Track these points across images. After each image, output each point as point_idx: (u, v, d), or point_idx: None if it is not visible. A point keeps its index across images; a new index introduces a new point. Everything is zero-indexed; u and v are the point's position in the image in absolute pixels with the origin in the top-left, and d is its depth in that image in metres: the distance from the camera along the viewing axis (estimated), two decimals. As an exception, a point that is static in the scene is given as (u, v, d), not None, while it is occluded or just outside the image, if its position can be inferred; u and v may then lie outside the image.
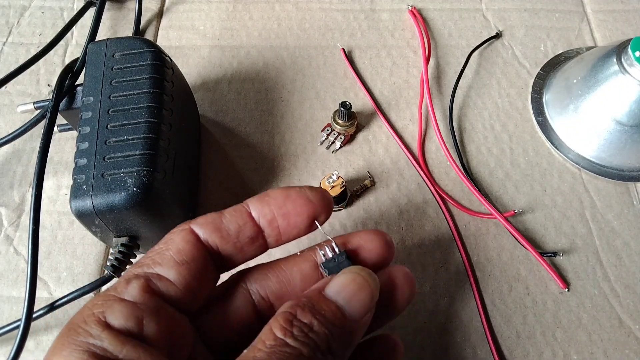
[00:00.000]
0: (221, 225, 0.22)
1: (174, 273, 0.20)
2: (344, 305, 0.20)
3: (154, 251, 0.21)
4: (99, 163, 0.27)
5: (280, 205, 0.22)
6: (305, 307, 0.19)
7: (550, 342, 0.32)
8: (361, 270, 0.21)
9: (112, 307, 0.19)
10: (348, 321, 0.20)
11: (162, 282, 0.20)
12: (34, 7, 0.45)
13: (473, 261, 0.34)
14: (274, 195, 0.22)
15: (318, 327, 0.19)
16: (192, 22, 0.44)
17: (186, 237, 0.21)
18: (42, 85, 0.41)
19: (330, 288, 0.21)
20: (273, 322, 0.19)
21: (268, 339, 0.18)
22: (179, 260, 0.20)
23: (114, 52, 0.31)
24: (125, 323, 0.18)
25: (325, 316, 0.19)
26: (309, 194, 0.22)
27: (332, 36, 0.43)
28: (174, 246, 0.21)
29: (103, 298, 0.19)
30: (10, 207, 0.36)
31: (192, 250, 0.21)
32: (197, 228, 0.22)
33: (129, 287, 0.19)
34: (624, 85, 0.34)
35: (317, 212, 0.22)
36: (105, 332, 0.18)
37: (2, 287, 0.33)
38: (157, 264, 0.20)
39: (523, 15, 0.45)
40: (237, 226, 0.22)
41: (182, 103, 0.33)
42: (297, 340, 0.18)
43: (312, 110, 0.40)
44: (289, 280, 0.23)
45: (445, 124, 0.39)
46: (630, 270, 0.34)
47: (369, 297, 0.21)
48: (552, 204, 0.36)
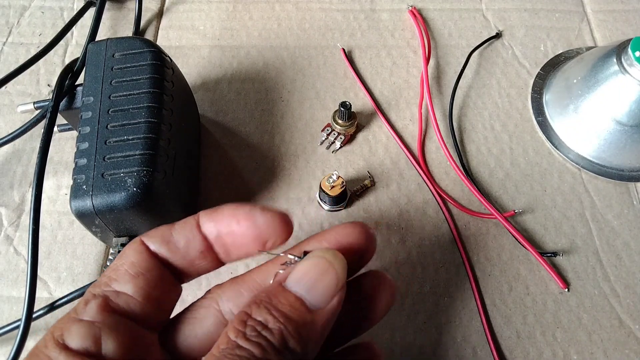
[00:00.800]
0: (170, 238, 0.21)
1: (131, 286, 0.20)
2: (304, 294, 0.19)
3: (109, 269, 0.21)
4: (99, 163, 0.27)
5: (227, 223, 0.21)
6: (261, 304, 0.19)
7: (550, 342, 0.32)
8: (325, 252, 0.20)
9: (70, 329, 0.19)
10: (310, 312, 0.19)
11: (120, 297, 0.20)
12: (34, 7, 0.45)
13: (473, 261, 0.34)
14: (222, 211, 0.21)
15: (273, 324, 0.18)
16: (192, 22, 0.44)
17: (137, 248, 0.21)
18: (42, 85, 0.41)
19: (291, 278, 0.20)
20: (229, 324, 0.19)
21: (222, 343, 0.18)
22: (133, 273, 0.20)
23: (114, 52, 0.31)
24: (82, 343, 0.18)
25: (281, 310, 0.18)
26: (258, 218, 0.21)
27: (332, 36, 0.43)
28: (127, 260, 0.21)
29: (63, 321, 0.19)
30: (10, 207, 0.36)
31: (145, 261, 0.21)
32: (147, 240, 0.21)
33: (87, 307, 0.19)
34: (624, 85, 0.34)
35: (265, 237, 0.21)
36: (62, 353, 0.18)
37: (2, 287, 0.33)
38: (113, 280, 0.20)
39: (523, 15, 0.45)
40: (186, 240, 0.21)
41: (182, 103, 0.33)
42: (249, 340, 0.18)
43: (312, 110, 0.40)
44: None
45: (445, 124, 0.39)
46: (630, 270, 0.34)
47: (334, 282, 0.19)
48: (552, 204, 0.36)
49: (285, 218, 0.21)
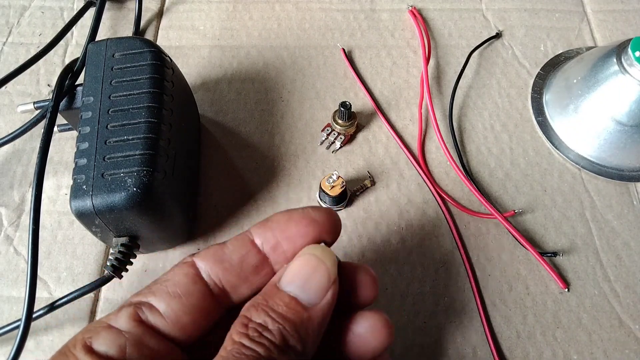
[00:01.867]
0: (224, 257, 0.21)
1: (165, 305, 0.20)
2: (298, 293, 0.20)
3: (156, 281, 0.21)
4: (99, 163, 0.27)
5: (283, 228, 0.21)
6: (259, 307, 0.19)
7: (550, 342, 0.32)
8: (314, 249, 0.21)
9: (99, 334, 0.19)
10: (305, 309, 0.19)
11: (151, 313, 0.20)
12: (34, 7, 0.45)
13: (473, 261, 0.34)
14: (276, 220, 0.22)
15: (272, 325, 0.19)
16: (192, 22, 0.44)
17: (186, 270, 0.21)
18: (42, 85, 0.41)
19: (284, 279, 0.20)
20: (232, 327, 0.19)
21: (228, 345, 0.19)
22: (172, 293, 0.21)
23: (114, 52, 0.31)
24: (108, 349, 0.19)
25: (277, 312, 0.19)
26: (313, 214, 0.21)
27: (332, 36, 0.43)
28: (173, 278, 0.21)
29: (96, 324, 0.20)
30: (10, 207, 0.36)
31: (188, 285, 0.21)
32: (199, 261, 0.21)
33: (119, 314, 0.20)
34: (624, 85, 0.34)
35: (323, 232, 0.21)
36: (88, 356, 0.19)
37: (2, 287, 0.33)
38: (152, 293, 0.21)
39: (523, 15, 0.45)
40: (240, 256, 0.21)
41: (182, 103, 0.33)
42: (253, 341, 0.18)
43: (312, 110, 0.40)
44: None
45: (445, 124, 0.39)
46: (630, 270, 0.34)
47: (325, 278, 0.20)
48: (552, 204, 0.36)
49: (333, 212, 0.22)
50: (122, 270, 0.29)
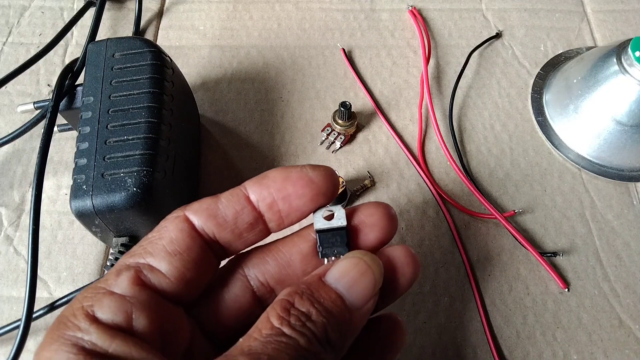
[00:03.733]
0: (217, 212, 0.20)
1: (166, 264, 0.19)
2: (344, 293, 0.19)
3: (147, 239, 0.20)
4: (99, 163, 0.27)
5: (279, 187, 0.20)
6: (303, 295, 0.19)
7: (550, 342, 0.32)
8: (364, 254, 0.20)
9: (101, 301, 0.18)
10: (348, 310, 0.19)
11: (153, 274, 0.19)
12: (34, 7, 0.45)
13: (473, 261, 0.34)
14: (272, 177, 0.21)
15: (316, 317, 0.18)
16: (192, 22, 0.44)
17: (180, 225, 0.20)
18: (42, 85, 0.41)
19: (331, 275, 0.20)
20: (270, 310, 0.18)
21: (264, 328, 0.18)
22: (171, 251, 0.19)
23: (114, 52, 0.31)
24: (113, 317, 0.18)
25: (324, 305, 0.18)
26: (311, 174, 0.21)
27: (332, 36, 0.43)
28: (167, 235, 0.20)
29: (93, 290, 0.19)
30: (10, 207, 0.36)
31: (185, 240, 0.20)
32: (192, 215, 0.20)
33: (119, 279, 0.19)
34: (624, 85, 0.34)
35: (321, 193, 0.21)
36: (93, 325, 0.17)
37: (2, 287, 0.33)
38: (149, 253, 0.19)
39: (523, 15, 0.45)
40: (235, 212, 0.20)
41: (182, 103, 0.33)
42: (294, 329, 0.18)
43: (312, 110, 0.40)
44: (289, 263, 0.22)
45: (445, 124, 0.39)
46: (630, 270, 0.34)
47: (372, 285, 0.19)
48: (552, 204, 0.36)
49: (331, 171, 0.21)
50: (122, 270, 0.29)
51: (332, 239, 0.21)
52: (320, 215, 0.21)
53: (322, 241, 0.21)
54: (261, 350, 0.17)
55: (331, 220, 0.21)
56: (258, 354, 0.17)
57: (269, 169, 0.22)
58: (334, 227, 0.21)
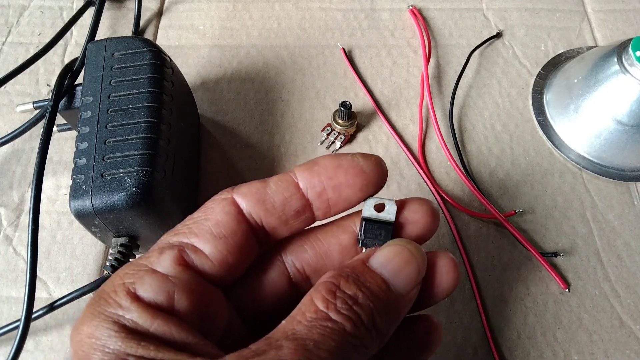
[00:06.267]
0: (266, 197, 0.20)
1: (210, 247, 0.19)
2: (389, 278, 0.19)
3: (192, 219, 0.20)
4: (98, 163, 0.27)
5: (330, 176, 0.20)
6: (349, 278, 0.18)
7: (551, 343, 0.32)
8: (407, 243, 0.20)
9: (143, 279, 0.18)
10: (394, 295, 0.19)
11: (196, 255, 0.19)
12: (33, 6, 0.44)
13: (473, 261, 0.34)
14: (324, 165, 0.20)
15: (363, 300, 0.18)
16: (192, 22, 0.44)
17: (227, 207, 0.20)
18: (42, 85, 0.41)
19: (375, 260, 0.19)
20: (314, 292, 0.18)
21: (309, 311, 0.17)
22: (216, 234, 0.19)
23: (114, 51, 0.31)
24: (155, 296, 0.17)
25: (370, 289, 0.18)
26: (363, 164, 0.20)
27: (332, 36, 0.43)
28: (213, 217, 0.20)
29: (134, 267, 0.18)
30: (9, 207, 0.36)
31: (231, 224, 0.19)
32: (240, 199, 0.20)
33: (162, 257, 0.19)
34: (624, 85, 0.34)
35: (371, 184, 0.21)
36: (134, 304, 0.17)
37: (1, 287, 0.33)
38: (194, 234, 0.19)
39: (524, 15, 0.44)
40: (283, 198, 0.20)
41: (181, 103, 0.33)
42: (340, 313, 0.17)
43: (312, 110, 0.40)
44: (327, 252, 0.22)
45: (446, 123, 0.39)
46: (631, 271, 0.34)
47: (416, 272, 0.19)
48: (553, 204, 0.36)
49: (382, 161, 0.21)
50: (121, 270, 0.29)
51: (377, 231, 0.21)
52: (371, 203, 0.21)
53: (366, 230, 0.21)
54: (306, 336, 0.17)
55: (381, 212, 0.21)
56: (303, 339, 0.16)
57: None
58: (382, 220, 0.21)
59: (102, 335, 0.17)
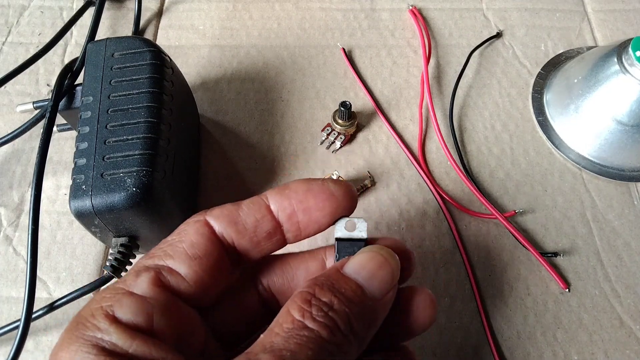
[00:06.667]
0: (238, 219, 0.20)
1: (186, 268, 0.19)
2: (364, 283, 0.19)
3: (166, 242, 0.20)
4: (98, 163, 0.27)
5: (301, 199, 0.21)
6: (324, 286, 0.19)
7: (551, 343, 0.32)
8: (380, 249, 0.20)
9: (121, 301, 0.18)
10: (369, 299, 0.19)
11: (172, 277, 0.19)
12: (33, 6, 0.44)
13: (473, 261, 0.34)
14: (294, 188, 0.21)
15: (338, 306, 0.18)
16: (192, 22, 0.44)
17: (200, 229, 0.20)
18: (42, 85, 0.41)
19: (349, 267, 0.20)
20: (291, 302, 0.18)
21: (285, 322, 0.18)
22: (191, 254, 0.20)
23: (114, 51, 0.31)
24: (134, 318, 0.18)
25: (345, 294, 0.18)
26: (332, 188, 0.21)
27: (332, 36, 0.43)
28: (187, 238, 0.20)
29: (112, 291, 0.18)
30: (9, 207, 0.36)
31: (205, 244, 0.20)
32: (212, 220, 0.20)
33: (139, 280, 0.19)
34: (624, 85, 0.34)
35: (340, 208, 0.21)
36: (113, 326, 0.17)
37: (1, 288, 0.33)
38: (169, 256, 0.20)
39: (524, 15, 0.44)
40: (255, 220, 0.21)
41: (181, 103, 0.33)
42: (316, 321, 0.17)
43: (312, 110, 0.40)
44: (294, 277, 0.23)
45: (446, 123, 0.39)
46: (631, 271, 0.34)
47: (390, 276, 0.20)
48: (553, 204, 0.36)
49: (352, 187, 0.22)
50: (121, 270, 0.29)
51: (350, 248, 0.21)
52: (342, 224, 0.22)
53: (340, 249, 0.21)
54: (283, 346, 0.17)
55: (352, 231, 0.21)
56: (280, 350, 0.17)
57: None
58: (354, 238, 0.21)
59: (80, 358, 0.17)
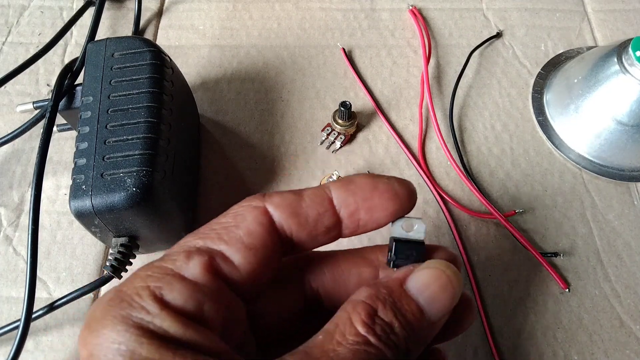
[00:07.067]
0: (300, 211, 0.19)
1: (240, 257, 0.18)
2: (424, 306, 0.18)
3: (220, 224, 0.19)
4: (98, 163, 0.27)
5: (366, 197, 0.20)
6: (386, 303, 0.18)
7: (551, 343, 0.32)
8: (447, 267, 0.19)
9: (171, 285, 0.17)
10: (426, 323, 0.18)
11: (226, 264, 0.18)
12: (33, 6, 0.44)
13: (473, 261, 0.34)
14: (360, 185, 0.20)
15: (399, 330, 0.18)
16: (192, 22, 0.44)
17: (259, 217, 0.19)
18: (42, 85, 0.41)
19: (412, 283, 0.19)
20: (353, 312, 0.17)
21: (349, 333, 0.17)
22: (247, 244, 0.18)
23: (114, 51, 0.31)
24: (184, 304, 0.17)
25: (406, 318, 0.18)
26: (397, 188, 0.20)
27: (332, 36, 0.43)
28: (245, 225, 0.19)
29: (159, 271, 0.17)
30: (9, 207, 0.36)
31: (263, 235, 0.19)
32: (273, 209, 0.19)
33: (191, 263, 0.17)
34: (624, 85, 0.34)
35: (402, 208, 0.20)
36: (164, 311, 0.16)
37: (1, 288, 0.33)
38: (223, 241, 0.18)
39: (524, 15, 0.44)
40: (317, 214, 0.19)
41: (181, 103, 0.33)
42: (381, 340, 0.17)
43: (312, 110, 0.40)
44: (345, 282, 0.21)
45: (446, 123, 0.39)
46: (631, 271, 0.34)
47: (450, 301, 0.19)
48: (553, 204, 0.36)
49: (413, 187, 0.21)
50: (121, 270, 0.29)
51: (408, 251, 0.20)
52: (399, 223, 0.20)
53: (397, 251, 0.20)
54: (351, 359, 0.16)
55: (410, 232, 0.20)
56: None
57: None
58: (412, 239, 0.20)
59: (129, 341, 0.15)
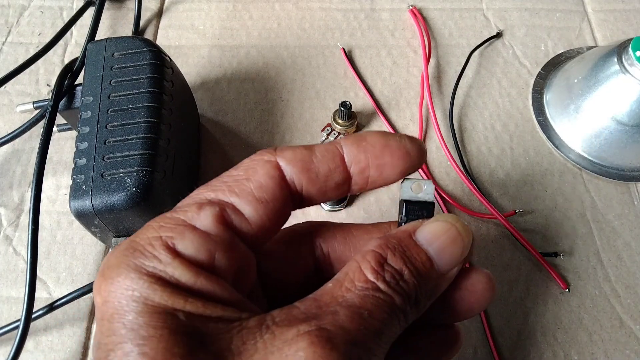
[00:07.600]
0: (311, 166, 0.19)
1: (251, 210, 0.18)
2: (434, 256, 0.19)
3: (231, 176, 0.19)
4: (98, 163, 0.27)
5: (377, 154, 0.19)
6: (396, 252, 0.18)
7: (551, 343, 0.32)
8: (456, 220, 0.19)
9: (183, 235, 0.17)
10: (436, 274, 0.19)
11: (236, 216, 0.18)
12: (33, 6, 0.44)
13: (473, 261, 0.34)
14: (372, 142, 0.20)
15: (408, 277, 0.18)
16: (192, 22, 0.44)
17: (271, 171, 0.19)
18: (42, 85, 0.41)
19: (422, 234, 0.19)
20: (362, 261, 0.18)
21: (358, 280, 0.17)
22: (258, 197, 0.18)
23: (114, 51, 0.31)
24: (197, 254, 0.17)
25: (415, 265, 0.18)
26: (409, 147, 0.20)
27: (332, 36, 0.43)
28: (256, 179, 0.19)
29: (171, 222, 0.18)
30: (9, 207, 0.36)
31: (274, 189, 0.19)
32: (284, 163, 0.19)
33: (202, 214, 0.18)
34: (624, 85, 0.34)
35: (412, 167, 0.20)
36: (177, 260, 0.16)
37: (1, 288, 0.33)
38: (234, 193, 0.18)
39: (524, 15, 0.44)
40: (328, 169, 0.19)
41: (181, 103, 0.33)
42: (390, 287, 0.17)
43: (312, 110, 0.40)
44: (356, 247, 0.22)
45: (446, 123, 0.39)
46: (631, 271, 0.34)
47: (459, 253, 0.19)
48: (553, 204, 0.36)
49: (424, 146, 0.21)
50: (121, 270, 0.29)
51: (419, 211, 0.20)
52: (408, 185, 0.21)
53: (408, 211, 0.20)
54: (360, 304, 0.17)
55: (419, 193, 0.21)
56: (357, 307, 0.16)
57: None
58: (422, 200, 0.20)
59: (142, 288, 0.16)
